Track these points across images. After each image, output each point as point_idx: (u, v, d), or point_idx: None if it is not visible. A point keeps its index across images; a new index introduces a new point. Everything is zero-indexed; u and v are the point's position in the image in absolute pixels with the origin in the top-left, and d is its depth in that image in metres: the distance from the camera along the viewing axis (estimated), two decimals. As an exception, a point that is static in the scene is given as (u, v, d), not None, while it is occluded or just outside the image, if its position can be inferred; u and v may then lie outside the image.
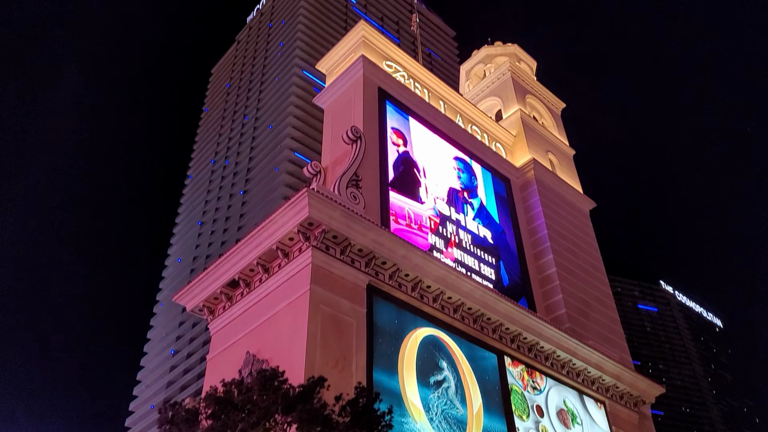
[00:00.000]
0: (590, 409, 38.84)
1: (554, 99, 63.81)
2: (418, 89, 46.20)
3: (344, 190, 33.05)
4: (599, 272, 50.47)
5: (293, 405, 18.12)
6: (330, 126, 41.35)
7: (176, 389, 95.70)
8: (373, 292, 30.77)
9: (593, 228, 54.35)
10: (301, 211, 28.94)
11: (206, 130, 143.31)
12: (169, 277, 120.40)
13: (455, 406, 31.17)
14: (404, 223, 36.45)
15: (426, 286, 33.21)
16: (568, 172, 56.28)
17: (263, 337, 28.88)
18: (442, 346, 32.83)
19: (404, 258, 32.18)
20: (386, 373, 28.88)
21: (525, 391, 35.49)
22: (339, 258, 29.99)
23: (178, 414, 18.67)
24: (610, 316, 47.83)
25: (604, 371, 40.42)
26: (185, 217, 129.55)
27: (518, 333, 36.63)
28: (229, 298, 32.66)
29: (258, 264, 30.76)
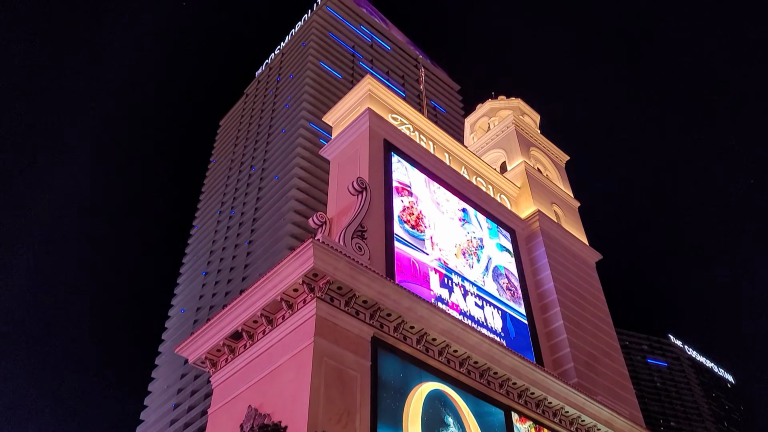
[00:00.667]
0: (601, 469, 37.58)
1: (558, 151, 64.39)
2: (423, 141, 46.77)
3: (349, 241, 33.03)
4: (607, 325, 49.74)
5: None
6: (336, 177, 41.71)
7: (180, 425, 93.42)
8: (378, 344, 30.31)
9: (600, 280, 53.88)
10: (306, 262, 28.84)
11: (213, 180, 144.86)
12: (172, 328, 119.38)
13: (461, 463, 30.20)
14: (409, 274, 36.23)
15: (431, 339, 32.73)
16: (573, 224, 56.24)
17: (265, 391, 28.34)
18: (447, 401, 32.08)
19: (409, 309, 31.84)
20: (391, 428, 28.14)
21: (533, 449, 34.44)
22: (343, 309, 29.71)
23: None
24: (619, 371, 46.85)
25: (614, 428, 39.32)
26: (190, 267, 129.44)
27: (525, 388, 35.85)
28: (231, 351, 32.22)
29: (262, 315, 30.47)
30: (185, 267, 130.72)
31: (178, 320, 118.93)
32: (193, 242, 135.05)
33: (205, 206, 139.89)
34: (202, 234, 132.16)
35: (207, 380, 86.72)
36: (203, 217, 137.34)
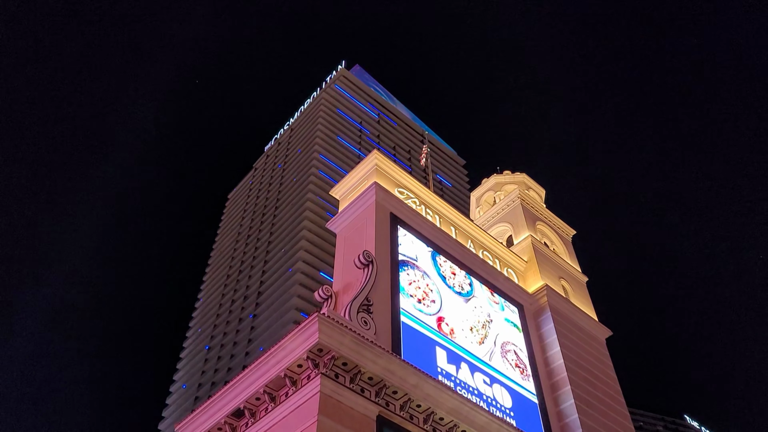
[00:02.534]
0: None
1: (564, 226, 64.53)
2: (430, 215, 47.04)
3: (355, 315, 32.65)
4: (619, 405, 48.16)
5: None
6: (342, 250, 41.73)
7: None
8: (384, 424, 29.36)
9: (611, 357, 52.62)
10: (310, 337, 28.40)
11: (219, 254, 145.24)
12: (173, 405, 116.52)
13: None
14: (416, 350, 35.53)
15: (439, 418, 31.71)
16: (582, 299, 55.56)
17: (266, 473, 27.24)
18: (456, 485, 30.67)
19: (416, 387, 31.03)
20: None
21: None
22: (348, 387, 28.98)
23: None
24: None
25: None
26: (193, 341, 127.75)
27: (537, 471, 34.34)
28: (233, 429, 31.25)
29: (265, 392, 29.74)
30: (188, 341, 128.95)
31: (179, 396, 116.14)
32: (197, 316, 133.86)
33: (211, 279, 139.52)
34: (207, 308, 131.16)
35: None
36: (208, 290, 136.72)
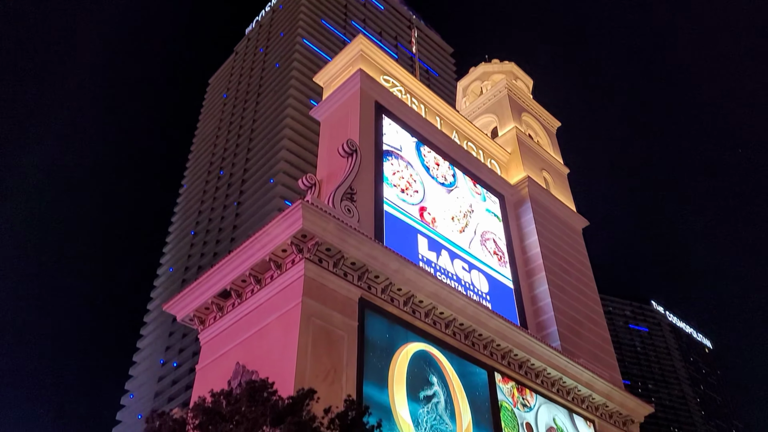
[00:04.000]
0: (580, 428, 38.76)
1: (550, 117, 64.29)
2: (415, 104, 46.49)
3: (339, 203, 33.13)
4: (591, 291, 50.58)
5: (282, 417, 18.02)
6: (326, 139, 41.52)
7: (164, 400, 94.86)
8: (365, 305, 30.75)
9: (586, 247, 54.53)
10: (294, 223, 28.97)
11: (202, 140, 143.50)
12: (161, 287, 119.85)
13: (444, 421, 31.04)
14: (398, 237, 36.49)
15: (418, 301, 33.21)
16: (562, 191, 56.57)
17: (253, 349, 28.78)
18: (432, 361, 32.77)
19: (397, 272, 32.21)
20: (376, 387, 28.79)
21: (515, 408, 35.42)
22: (332, 271, 30.00)
23: (166, 424, 18.53)
24: (602, 335, 47.88)
25: (594, 390, 40.41)
26: (178, 226, 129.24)
27: (509, 350, 36.63)
28: (220, 309, 32.55)
29: (250, 275, 30.71)
30: (174, 226, 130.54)
31: (166, 279, 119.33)
32: (181, 201, 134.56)
33: (194, 166, 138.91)
34: (191, 194, 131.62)
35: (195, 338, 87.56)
36: (192, 177, 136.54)
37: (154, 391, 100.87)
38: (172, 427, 18.27)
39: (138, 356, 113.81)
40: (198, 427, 18.28)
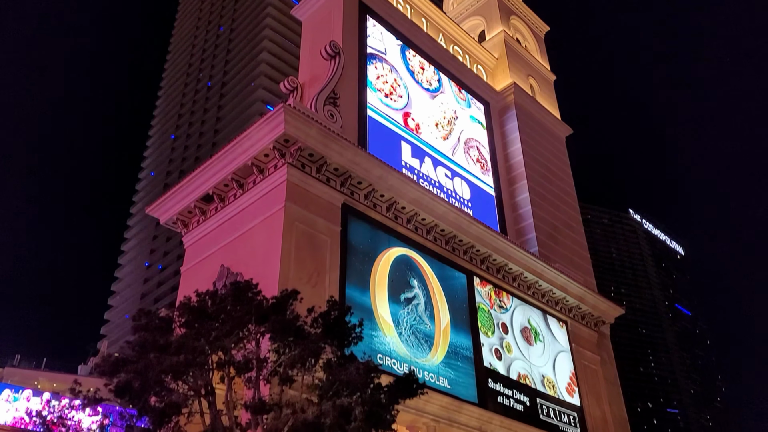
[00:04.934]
0: (553, 328, 40.62)
1: (539, 21, 62.50)
2: (401, 5, 44.81)
3: (321, 107, 32.60)
4: (571, 199, 51.38)
5: (266, 316, 18.60)
6: (308, 40, 40.20)
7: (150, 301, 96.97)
8: (348, 211, 31.06)
9: (568, 155, 54.77)
10: (276, 127, 28.61)
11: (180, 40, 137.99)
12: (143, 191, 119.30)
13: (424, 321, 32.31)
14: (381, 144, 36.29)
15: (401, 207, 33.56)
16: (547, 98, 56.02)
17: (237, 252, 29.22)
18: (413, 266, 33.64)
19: (380, 178, 32.30)
20: (358, 289, 29.66)
21: (491, 310, 36.84)
22: (314, 176, 30.00)
23: (152, 322, 19.06)
24: (579, 242, 49.19)
25: (568, 293, 42.00)
26: (158, 130, 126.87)
27: (488, 255, 37.58)
28: (203, 213, 32.69)
29: (232, 179, 30.64)
30: (154, 130, 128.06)
31: (148, 183, 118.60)
32: (160, 105, 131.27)
33: (172, 68, 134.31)
34: (170, 98, 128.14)
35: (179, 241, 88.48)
36: (170, 80, 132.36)
37: (141, 292, 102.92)
38: (159, 325, 18.82)
39: (123, 259, 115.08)
40: (184, 325, 18.84)
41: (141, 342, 18.28)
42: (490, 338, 35.51)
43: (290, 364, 18.20)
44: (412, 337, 31.11)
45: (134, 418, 17.85)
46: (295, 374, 18.66)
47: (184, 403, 17.56)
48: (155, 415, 16.85)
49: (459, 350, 33.14)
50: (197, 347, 17.42)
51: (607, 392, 41.66)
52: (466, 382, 32.42)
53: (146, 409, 17.07)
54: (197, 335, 17.85)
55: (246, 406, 17.85)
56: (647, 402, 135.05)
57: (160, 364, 16.82)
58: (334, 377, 18.16)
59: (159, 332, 18.48)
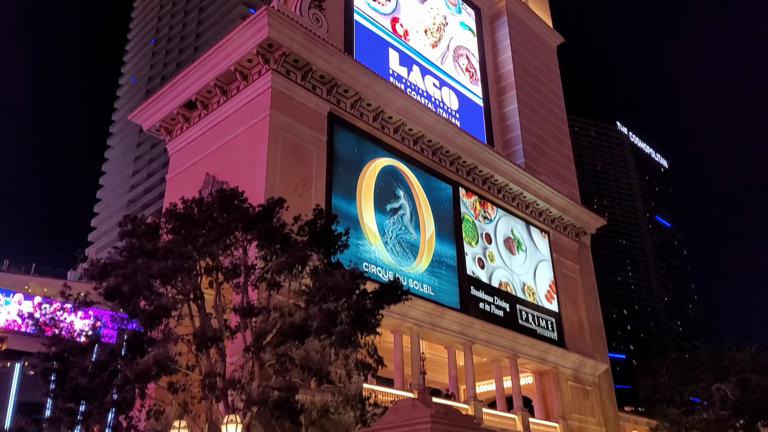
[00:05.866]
0: (535, 238, 41.48)
1: None
2: None
3: (306, 10, 31.38)
4: (559, 110, 50.97)
5: (253, 223, 18.78)
6: (292, -63, 38.00)
7: (138, 208, 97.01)
8: (334, 120, 30.65)
9: (559, 65, 53.76)
10: (260, 31, 27.63)
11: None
12: (124, 97, 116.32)
13: (409, 231, 32.82)
14: (368, 51, 35.31)
15: (388, 117, 33.17)
16: (539, 4, 54.22)
17: (223, 160, 29.01)
18: (400, 176, 33.71)
19: (367, 86, 31.69)
20: (344, 199, 29.82)
21: (476, 220, 37.40)
22: (300, 84, 29.34)
23: (139, 228, 19.18)
24: (565, 154, 49.30)
25: (552, 204, 42.57)
26: (137, 34, 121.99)
27: (474, 166, 37.66)
28: (186, 120, 32.12)
29: (215, 85, 29.91)
30: (132, 34, 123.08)
31: (129, 89, 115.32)
32: (138, 6, 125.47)
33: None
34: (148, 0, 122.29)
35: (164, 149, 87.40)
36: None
37: (127, 200, 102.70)
38: (145, 231, 18.96)
39: (107, 166, 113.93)
40: (171, 231, 19.00)
41: (129, 247, 18.49)
42: (474, 248, 36.26)
43: (277, 270, 18.60)
44: (397, 246, 31.69)
45: (125, 320, 18.37)
46: (283, 280, 19.12)
47: (173, 307, 18.04)
48: (145, 318, 17.34)
49: (443, 259, 33.91)
50: (185, 253, 17.66)
51: (584, 299, 43.22)
52: (449, 290, 33.40)
53: (136, 312, 17.54)
54: (184, 241, 18.06)
55: (235, 309, 18.38)
56: (623, 309, 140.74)
57: (149, 269, 17.11)
58: (321, 283, 18.64)
59: (146, 238, 18.65)
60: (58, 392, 18.33)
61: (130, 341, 17.64)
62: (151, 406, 17.75)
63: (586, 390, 39.42)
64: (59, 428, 19.45)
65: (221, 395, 17.06)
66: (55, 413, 19.02)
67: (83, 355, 18.35)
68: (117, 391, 17.35)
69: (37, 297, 43.63)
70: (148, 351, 17.18)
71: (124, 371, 17.26)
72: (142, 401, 17.69)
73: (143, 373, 16.53)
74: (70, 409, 17.96)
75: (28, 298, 43.60)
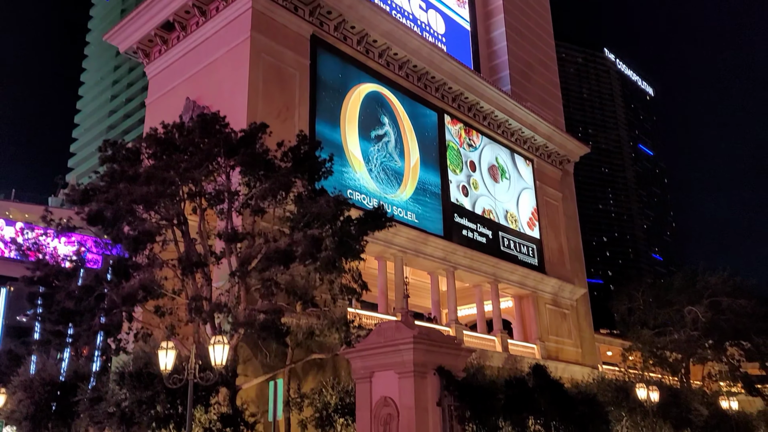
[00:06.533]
0: (519, 166, 41.59)
1: None
2: None
3: (287, -76, 29.84)
4: (547, 35, 49.97)
5: (235, 149, 18.56)
6: None
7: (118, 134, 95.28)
8: (317, 43, 29.81)
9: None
10: (239, -53, 26.36)
11: None
12: (98, 18, 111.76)
13: (394, 159, 32.70)
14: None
15: (372, 41, 32.32)
16: None
17: (203, 84, 28.30)
18: (384, 102, 33.23)
19: (350, 8, 30.68)
20: (328, 125, 29.45)
21: (461, 148, 37.29)
22: (281, 4, 28.30)
23: (119, 153, 18.88)
24: (551, 80, 48.73)
25: (537, 132, 42.45)
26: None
27: (460, 92, 37.17)
28: (164, 42, 31.06)
29: (194, 5, 28.77)
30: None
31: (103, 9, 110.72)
32: None
33: None
34: None
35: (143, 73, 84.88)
36: None
37: (107, 125, 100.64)
38: (126, 156, 18.69)
39: (84, 90, 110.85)
40: (152, 157, 18.74)
41: (110, 172, 18.26)
42: (458, 175, 36.33)
43: (261, 196, 18.55)
44: (381, 174, 31.64)
45: (109, 246, 18.39)
46: (267, 206, 19.12)
47: (157, 232, 18.04)
48: (129, 243, 17.36)
49: (427, 186, 34.00)
50: (167, 178, 17.50)
51: (565, 226, 43.91)
52: (433, 217, 33.70)
53: (120, 237, 17.54)
54: (166, 167, 17.85)
55: (219, 235, 18.44)
56: (603, 236, 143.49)
57: (131, 194, 16.98)
58: (305, 209, 18.67)
59: (127, 163, 18.40)
60: (45, 315, 18.56)
61: (115, 266, 17.73)
62: (139, 329, 18.07)
63: (564, 313, 40.72)
64: (48, 350, 19.83)
65: (208, 318, 17.38)
66: (43, 336, 19.34)
67: (69, 279, 18.46)
68: (104, 315, 17.59)
69: (19, 222, 43.30)
70: (133, 275, 17.31)
71: (111, 295, 17.44)
72: (129, 324, 17.98)
73: (129, 297, 16.72)
74: (59, 332, 18.25)
75: (10, 224, 43.27)
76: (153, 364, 14.61)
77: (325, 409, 17.93)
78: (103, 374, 19.36)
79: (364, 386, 15.43)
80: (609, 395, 22.01)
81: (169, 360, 13.23)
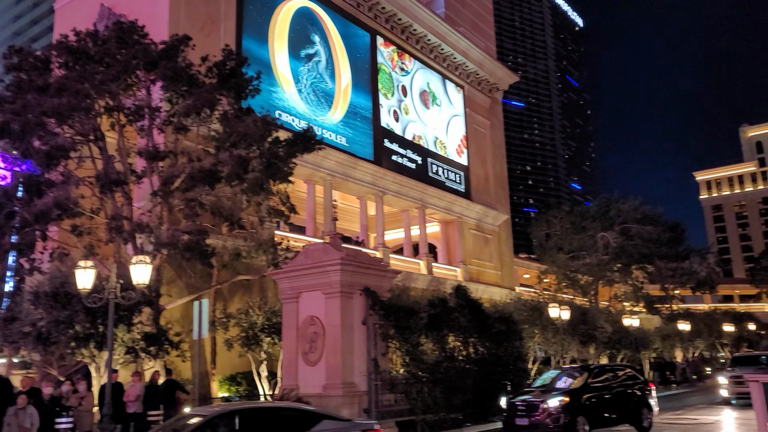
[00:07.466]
0: (450, 93, 41.61)
1: None
2: None
3: None
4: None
5: (156, 62, 17.49)
6: None
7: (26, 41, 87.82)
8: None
9: None
10: None
11: None
12: None
13: (324, 80, 31.90)
14: None
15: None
16: None
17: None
18: (315, 20, 32.03)
19: None
20: (256, 41, 28.21)
21: (393, 72, 36.78)
22: None
23: (26, 61, 17.41)
24: (485, 6, 48.29)
25: (468, 58, 42.34)
26: None
27: (393, 13, 36.29)
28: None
29: None
30: None
31: None
32: None
33: None
34: None
35: (50, -25, 77.37)
36: None
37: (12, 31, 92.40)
38: (34, 65, 17.24)
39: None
40: (64, 66, 17.41)
41: (16, 82, 16.86)
42: (389, 100, 35.99)
43: (184, 113, 17.74)
44: (311, 95, 30.89)
45: (18, 160, 17.24)
46: (190, 124, 18.36)
47: (72, 148, 17.04)
48: (41, 158, 16.34)
49: (358, 110, 33.56)
50: (81, 90, 16.35)
51: (492, 154, 44.80)
52: (363, 141, 33.48)
53: (30, 152, 16.45)
54: (80, 78, 16.63)
55: (140, 153, 17.65)
56: (527, 165, 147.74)
57: (40, 106, 15.80)
58: (231, 129, 18.06)
59: (36, 72, 17.01)
60: (-52, 233, 17.45)
61: (26, 182, 16.71)
62: (55, 248, 17.34)
63: (487, 238, 42.20)
64: (-46, 270, 18.78)
65: (129, 238, 16.85)
66: (-52, 255, 18.25)
67: (-26, 197, 17.30)
68: (16, 233, 16.71)
69: None
70: (46, 193, 16.39)
71: (22, 213, 16.52)
72: (44, 244, 17.22)
73: (42, 215, 15.90)
74: (-34, 251, 17.27)
75: None
76: (70, 284, 14.12)
77: (252, 329, 18.07)
78: (17, 295, 18.62)
79: (290, 306, 15.62)
80: (524, 314, 23.28)
81: (88, 279, 12.82)
